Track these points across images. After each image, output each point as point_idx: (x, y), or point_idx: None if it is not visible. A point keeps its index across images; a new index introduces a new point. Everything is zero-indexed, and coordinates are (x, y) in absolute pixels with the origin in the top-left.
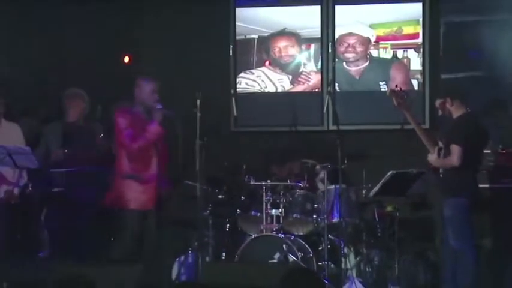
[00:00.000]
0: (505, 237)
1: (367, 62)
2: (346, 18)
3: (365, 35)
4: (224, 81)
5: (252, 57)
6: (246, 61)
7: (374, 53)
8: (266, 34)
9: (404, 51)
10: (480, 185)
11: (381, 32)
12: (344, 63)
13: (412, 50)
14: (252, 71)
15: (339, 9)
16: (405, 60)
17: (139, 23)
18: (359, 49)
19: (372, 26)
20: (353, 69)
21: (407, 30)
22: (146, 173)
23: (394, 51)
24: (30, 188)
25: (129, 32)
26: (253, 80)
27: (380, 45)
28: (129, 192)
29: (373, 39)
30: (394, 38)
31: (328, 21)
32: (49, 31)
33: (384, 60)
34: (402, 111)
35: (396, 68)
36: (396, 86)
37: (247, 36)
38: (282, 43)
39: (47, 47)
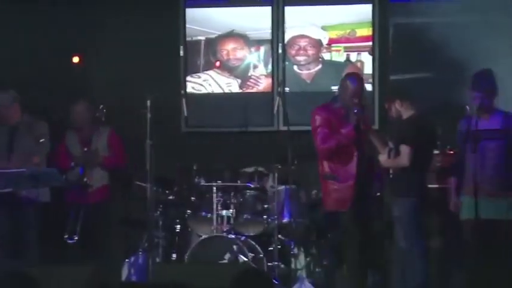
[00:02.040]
0: (452, 237)
1: (319, 66)
2: (298, 20)
3: (317, 37)
4: (174, 82)
5: (198, 59)
6: (192, 64)
7: (326, 56)
8: (213, 36)
9: (357, 54)
10: (428, 186)
11: (334, 34)
12: (295, 67)
13: (366, 53)
14: (198, 74)
15: (290, 10)
16: (358, 63)
17: (89, 23)
18: (310, 52)
19: (324, 28)
20: (304, 72)
21: (361, 32)
22: (344, 172)
23: (347, 54)
24: None
25: (79, 32)
26: (200, 84)
27: (333, 48)
28: (328, 193)
29: (325, 42)
30: (348, 40)
31: (278, 22)
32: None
33: (337, 63)
34: None
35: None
36: None
37: (194, 38)
38: (229, 45)
39: None
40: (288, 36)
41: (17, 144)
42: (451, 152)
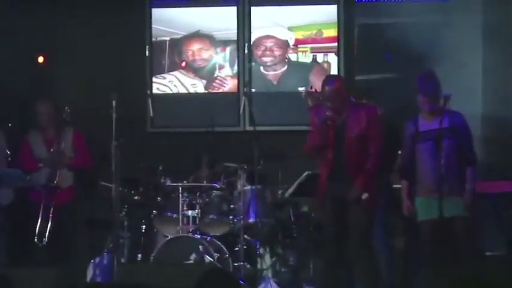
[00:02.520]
0: (417, 237)
1: (286, 67)
2: (264, 20)
3: (284, 37)
4: (140, 82)
5: (163, 60)
6: (157, 64)
7: (293, 56)
8: (178, 36)
9: (324, 55)
10: (394, 186)
11: (300, 34)
12: (261, 68)
13: (333, 54)
14: (163, 75)
15: (256, 10)
16: (325, 64)
17: (55, 22)
18: (277, 52)
19: (290, 29)
20: (271, 73)
21: (328, 33)
22: (323, 172)
23: (314, 55)
24: None
25: (44, 32)
26: (165, 85)
27: (299, 49)
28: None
29: (291, 42)
30: (314, 41)
31: (244, 22)
32: None
33: (303, 64)
34: None
35: (316, 73)
36: (311, 87)
37: (158, 39)
38: (195, 46)
39: None
40: (254, 37)
41: None
42: None
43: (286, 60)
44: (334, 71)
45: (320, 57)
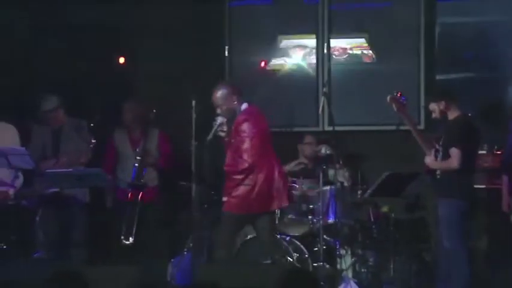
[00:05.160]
0: (500, 238)
1: None
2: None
3: None
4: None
5: None
6: None
7: None
8: None
9: None
10: (476, 186)
11: None
12: None
13: None
14: None
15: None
16: None
17: (135, 23)
18: None
19: None
20: None
21: None
22: None
23: None
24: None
25: (125, 32)
26: None
27: None
28: None
29: None
30: None
31: (323, 24)
32: (42, 31)
33: None
34: (400, 115)
35: None
36: (396, 92)
37: None
38: None
39: (38, 46)
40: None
41: (62, 145)
42: (499, 152)
43: None
44: None
45: None
